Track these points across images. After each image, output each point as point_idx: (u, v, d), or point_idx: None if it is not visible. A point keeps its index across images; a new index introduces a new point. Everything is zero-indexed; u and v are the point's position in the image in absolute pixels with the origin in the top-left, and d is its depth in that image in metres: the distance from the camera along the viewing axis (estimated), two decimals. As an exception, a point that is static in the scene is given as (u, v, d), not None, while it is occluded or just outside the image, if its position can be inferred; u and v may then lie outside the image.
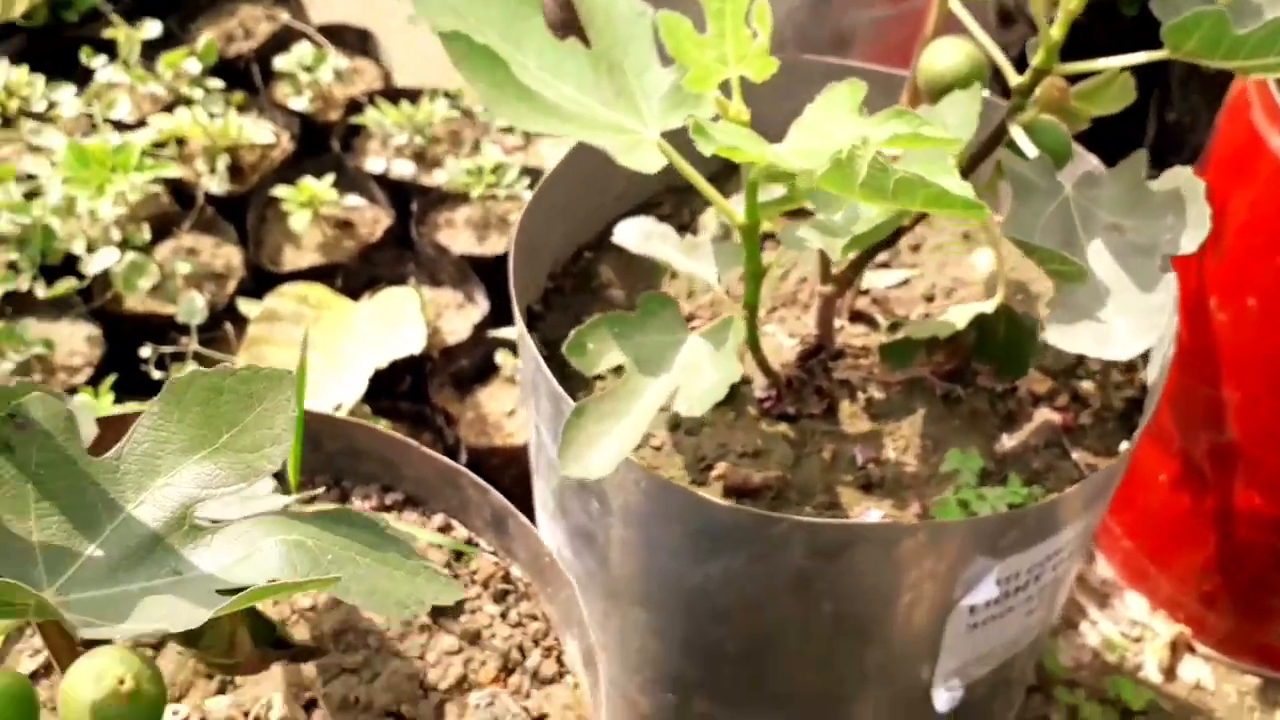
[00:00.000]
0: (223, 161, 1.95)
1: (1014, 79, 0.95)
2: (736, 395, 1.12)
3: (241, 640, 0.80)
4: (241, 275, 1.83)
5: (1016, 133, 0.92)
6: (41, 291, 1.63)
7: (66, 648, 0.57)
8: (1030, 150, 0.90)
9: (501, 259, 1.90)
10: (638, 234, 1.04)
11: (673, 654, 1.10)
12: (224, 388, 0.55)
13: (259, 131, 1.99)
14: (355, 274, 1.88)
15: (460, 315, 1.87)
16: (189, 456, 0.55)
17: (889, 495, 1.03)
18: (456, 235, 1.95)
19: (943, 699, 1.07)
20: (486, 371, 1.85)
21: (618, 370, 0.99)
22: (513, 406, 1.79)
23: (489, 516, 0.93)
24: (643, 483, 0.93)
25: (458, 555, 0.97)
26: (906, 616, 0.98)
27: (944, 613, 0.99)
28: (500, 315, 1.85)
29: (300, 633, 0.93)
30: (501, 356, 1.79)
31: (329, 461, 0.99)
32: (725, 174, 1.31)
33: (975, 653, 1.05)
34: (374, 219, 1.98)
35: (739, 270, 0.99)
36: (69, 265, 1.72)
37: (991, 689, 1.17)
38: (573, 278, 1.24)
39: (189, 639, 0.78)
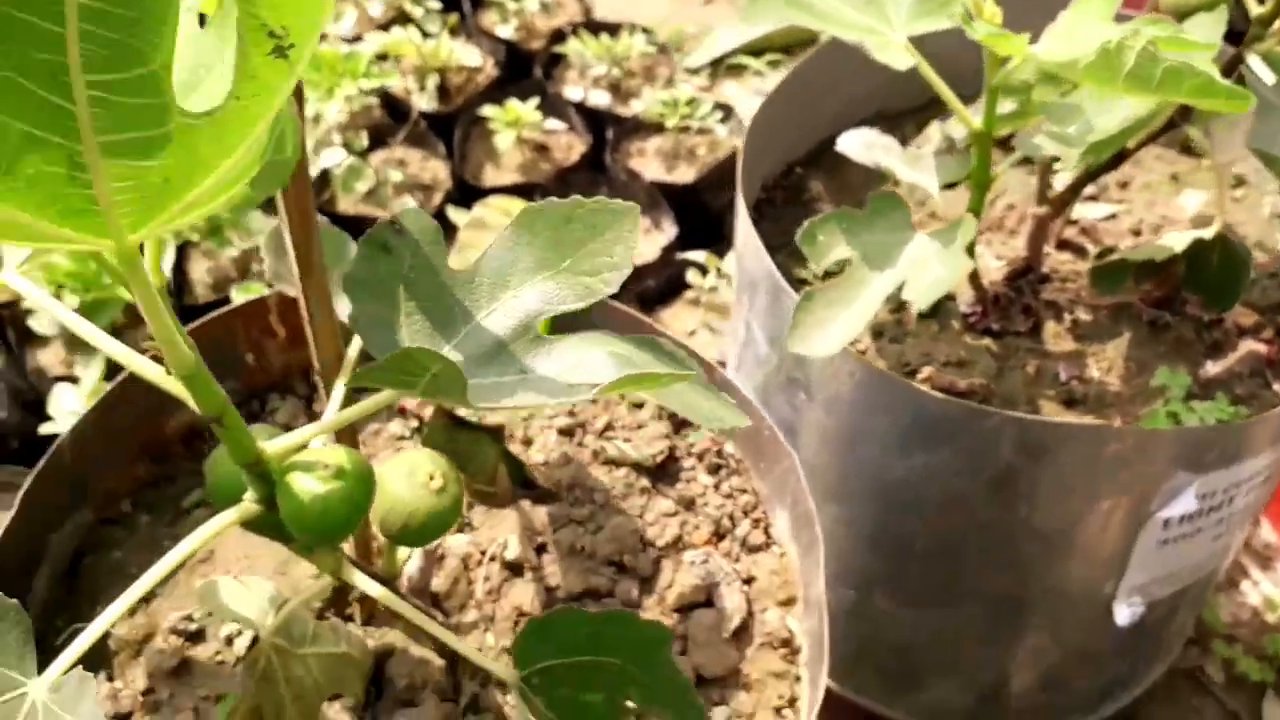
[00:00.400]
0: (432, 81, 2.06)
1: (1255, 9, 0.97)
2: (941, 309, 1.16)
3: (501, 475, 0.89)
4: (448, 188, 1.93)
5: (1254, 60, 0.94)
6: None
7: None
8: (1268, 77, 0.92)
9: (690, 188, 1.97)
10: (861, 144, 1.08)
11: (860, 549, 1.16)
12: (573, 217, 0.62)
13: (467, 55, 2.08)
14: (550, 195, 1.96)
15: (648, 239, 1.94)
16: (535, 275, 0.62)
17: (1091, 411, 1.06)
18: (648, 163, 2.02)
19: (1124, 613, 1.11)
20: (669, 294, 1.93)
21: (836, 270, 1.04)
22: (694, 327, 1.86)
23: (716, 387, 0.99)
24: (856, 374, 0.98)
25: (677, 428, 1.04)
26: (1102, 525, 1.02)
27: (1139, 524, 1.02)
28: (687, 240, 1.92)
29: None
30: (691, 276, 1.86)
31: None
32: (938, 101, 1.35)
33: (1162, 570, 1.08)
34: (569, 144, 2.06)
35: (958, 182, 1.04)
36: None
37: (1168, 613, 1.20)
38: (783, 190, 1.29)
39: (463, 464, 0.87)
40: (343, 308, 0.67)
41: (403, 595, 0.90)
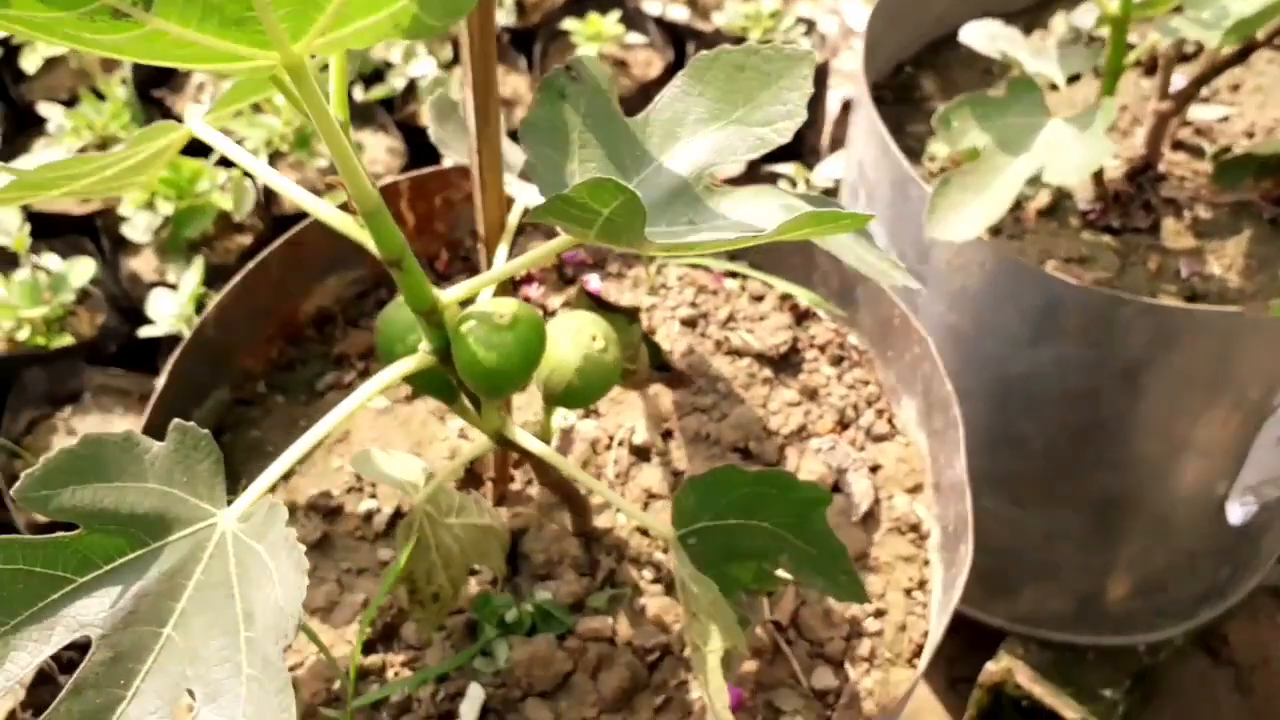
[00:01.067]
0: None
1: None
2: (1059, 207, 1.15)
3: (641, 355, 0.90)
4: (529, 103, 1.93)
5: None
6: (359, 95, 1.76)
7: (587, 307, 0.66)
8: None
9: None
10: (984, 35, 1.07)
11: (972, 449, 1.16)
12: (745, 65, 0.62)
13: (546, -30, 2.07)
14: (633, 110, 1.96)
15: (729, 155, 1.93)
16: (707, 126, 0.62)
17: (1214, 305, 1.06)
18: (727, 80, 2.00)
19: (1236, 513, 1.11)
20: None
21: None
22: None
23: (835, 286, 1.00)
24: (987, 263, 0.98)
25: (799, 320, 1.05)
26: (1223, 420, 1.02)
27: (1260, 419, 1.02)
28: (769, 155, 1.91)
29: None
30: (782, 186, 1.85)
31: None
32: (1044, 4, 1.33)
33: (1278, 468, 1.08)
34: (648, 60, 2.05)
35: (1080, 75, 1.02)
36: (375, 77, 1.85)
37: (1270, 519, 1.20)
38: (891, 90, 1.28)
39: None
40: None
41: (546, 471, 0.92)
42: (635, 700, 0.84)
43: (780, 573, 0.82)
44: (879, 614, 0.91)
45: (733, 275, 1.07)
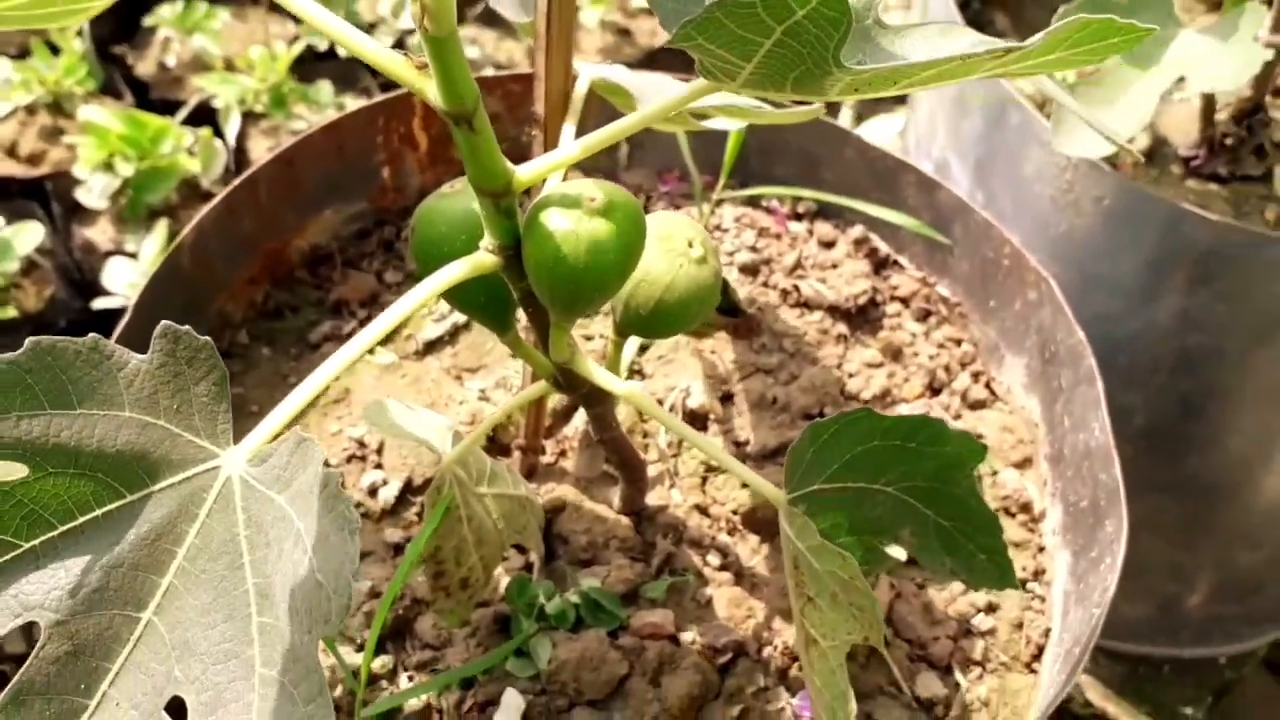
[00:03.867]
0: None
1: None
2: (1156, 154, 1.01)
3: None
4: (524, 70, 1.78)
5: None
6: (343, 52, 1.60)
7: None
8: None
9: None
10: (1084, -48, 0.93)
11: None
12: None
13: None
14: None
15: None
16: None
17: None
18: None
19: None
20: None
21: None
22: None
23: (929, 221, 0.85)
24: (1107, 197, 0.84)
25: (877, 268, 0.90)
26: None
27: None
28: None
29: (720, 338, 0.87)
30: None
31: (739, 164, 0.91)
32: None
33: None
34: (653, 29, 1.91)
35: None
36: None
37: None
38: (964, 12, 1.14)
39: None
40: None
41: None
42: (705, 712, 0.68)
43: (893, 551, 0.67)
44: (990, 609, 0.76)
45: (798, 217, 0.92)
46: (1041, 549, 0.78)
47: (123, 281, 1.41)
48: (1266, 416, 0.93)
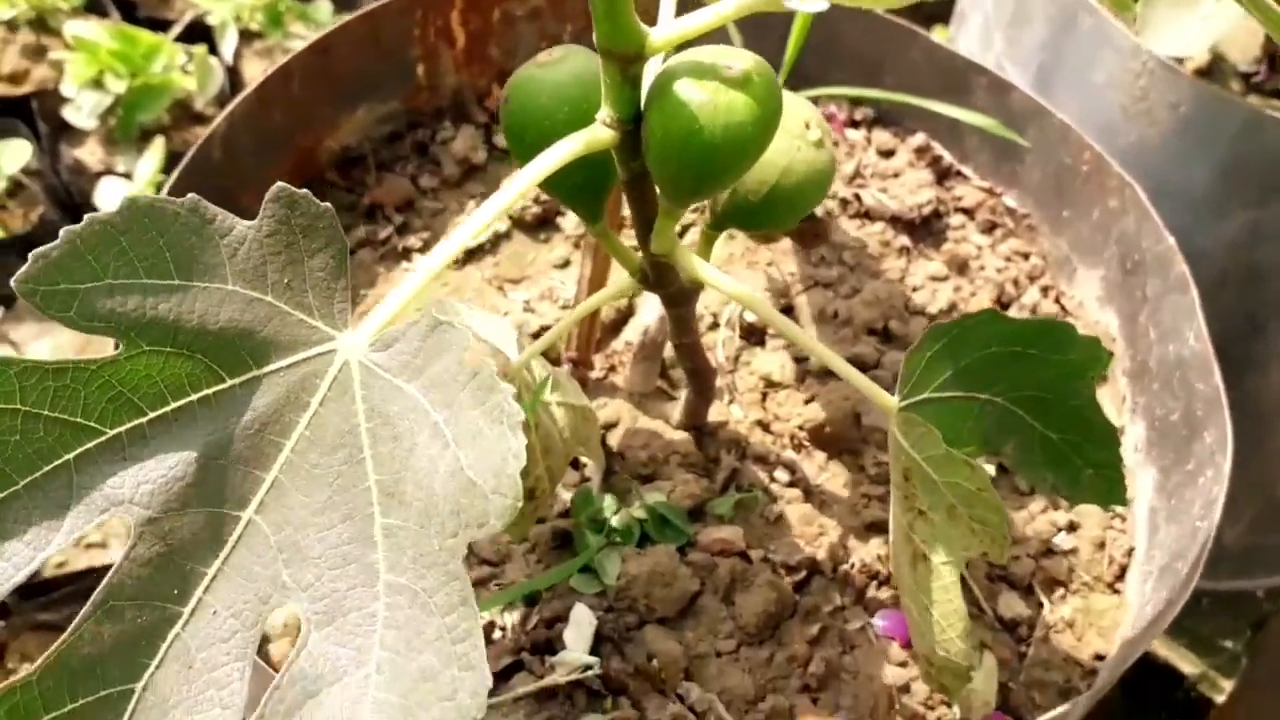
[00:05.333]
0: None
1: None
2: (1214, 70, 0.97)
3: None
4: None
5: None
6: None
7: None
8: None
9: None
10: None
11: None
12: None
13: None
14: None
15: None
16: None
17: None
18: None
19: None
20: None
21: None
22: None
23: (1005, 119, 0.80)
24: (1183, 103, 0.80)
25: (940, 178, 0.85)
26: None
27: None
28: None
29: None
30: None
31: (793, 67, 0.86)
32: None
33: None
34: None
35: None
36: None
37: None
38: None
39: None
40: None
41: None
42: (782, 630, 0.64)
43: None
44: (1071, 528, 0.72)
45: (854, 125, 0.87)
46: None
47: (115, 201, 1.34)
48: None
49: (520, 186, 0.43)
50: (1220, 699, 1.16)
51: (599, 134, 0.45)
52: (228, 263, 0.37)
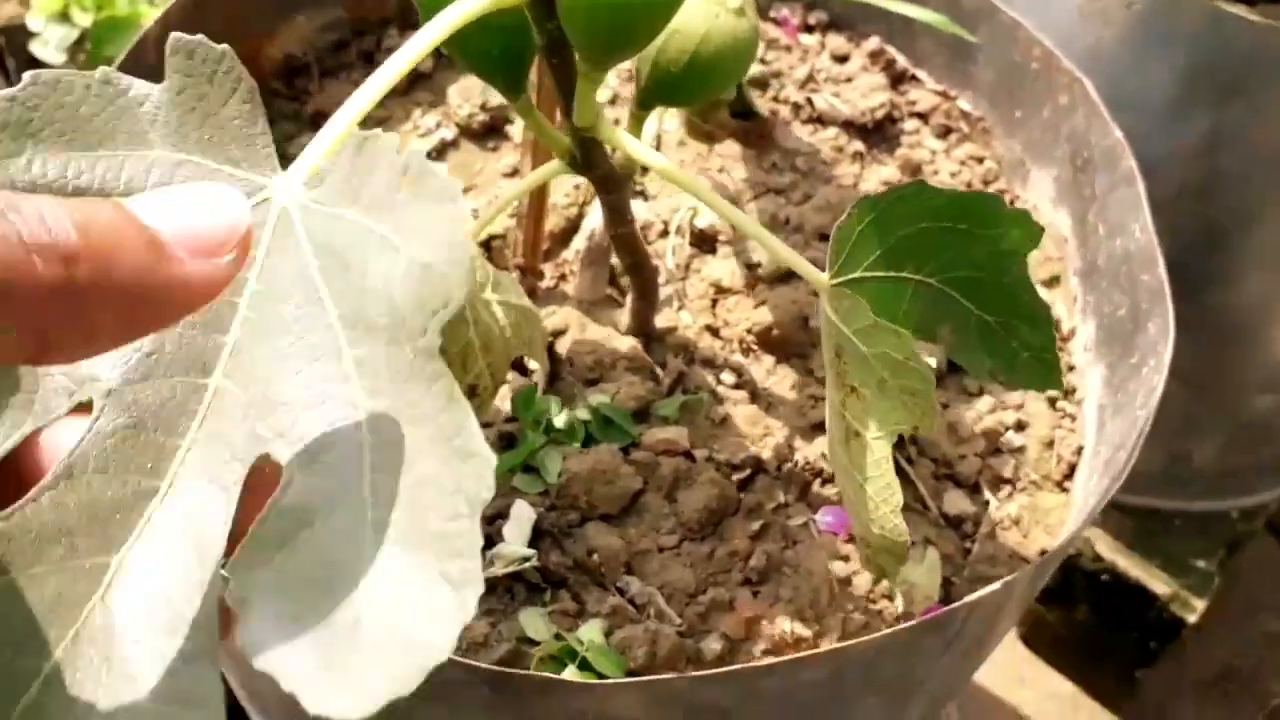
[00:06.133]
0: None
1: None
2: None
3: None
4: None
5: None
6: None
7: None
8: None
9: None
10: None
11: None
12: None
13: None
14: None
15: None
16: None
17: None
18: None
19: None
20: None
21: None
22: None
23: (957, 18, 0.79)
24: (1137, 3, 0.79)
25: (894, 82, 0.84)
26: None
27: None
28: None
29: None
30: None
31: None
32: None
33: None
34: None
35: None
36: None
37: None
38: None
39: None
40: None
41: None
42: (724, 526, 0.64)
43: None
44: (1019, 427, 0.72)
45: (808, 29, 0.86)
46: (1071, 368, 0.74)
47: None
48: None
49: (427, 38, 0.42)
50: (1192, 619, 1.17)
51: None
52: (150, 128, 0.35)
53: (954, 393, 0.73)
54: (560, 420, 0.65)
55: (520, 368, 0.71)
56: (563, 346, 0.71)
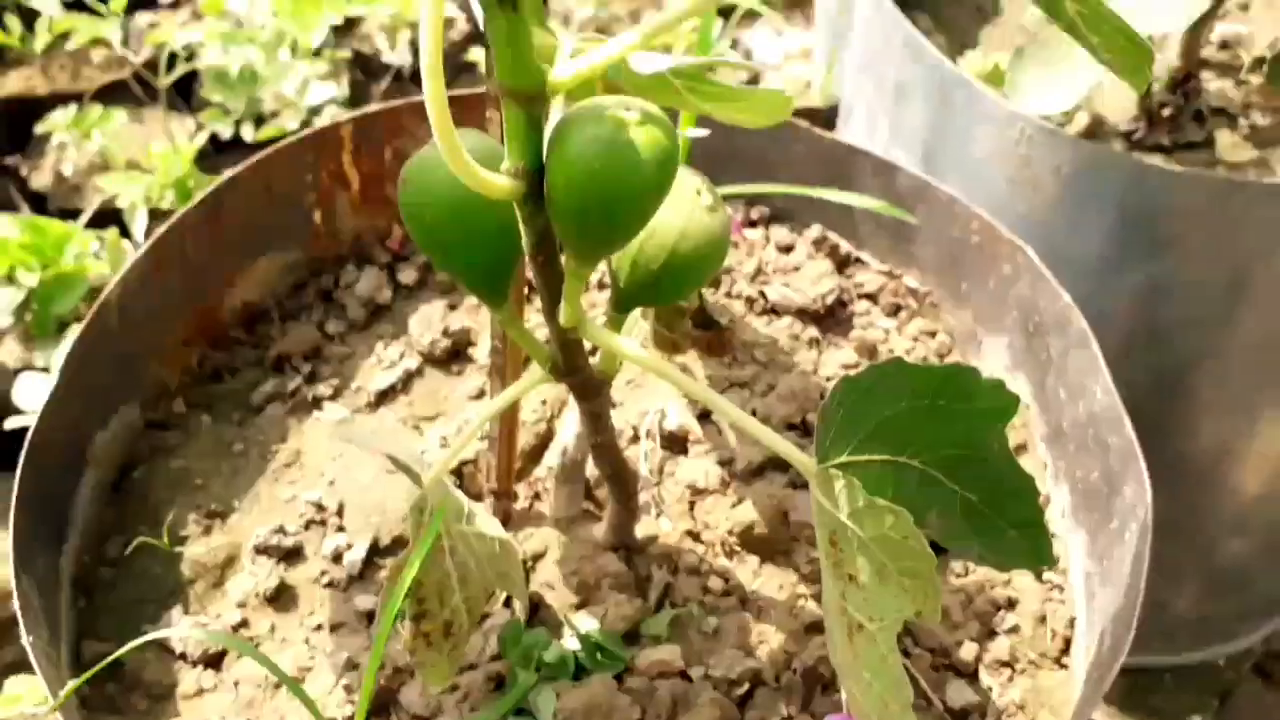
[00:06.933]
0: (404, 36, 1.88)
1: None
2: (1096, 131, 1.00)
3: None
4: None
5: None
6: (249, 134, 1.55)
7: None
8: None
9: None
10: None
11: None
12: None
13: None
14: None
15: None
16: None
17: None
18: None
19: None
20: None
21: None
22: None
23: (894, 200, 0.81)
24: (1064, 165, 0.82)
25: (840, 267, 0.86)
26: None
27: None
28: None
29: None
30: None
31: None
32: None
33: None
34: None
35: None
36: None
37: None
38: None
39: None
40: None
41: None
42: (730, 748, 0.62)
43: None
44: (1010, 605, 0.71)
45: (752, 224, 0.89)
46: (1053, 536, 0.74)
47: (35, 399, 1.32)
48: (1247, 381, 0.90)
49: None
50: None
51: (501, 182, 0.45)
52: None
53: (941, 575, 0.72)
54: (549, 654, 0.64)
55: (506, 600, 0.69)
56: (543, 570, 0.70)
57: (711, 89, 0.50)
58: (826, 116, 1.50)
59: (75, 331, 1.35)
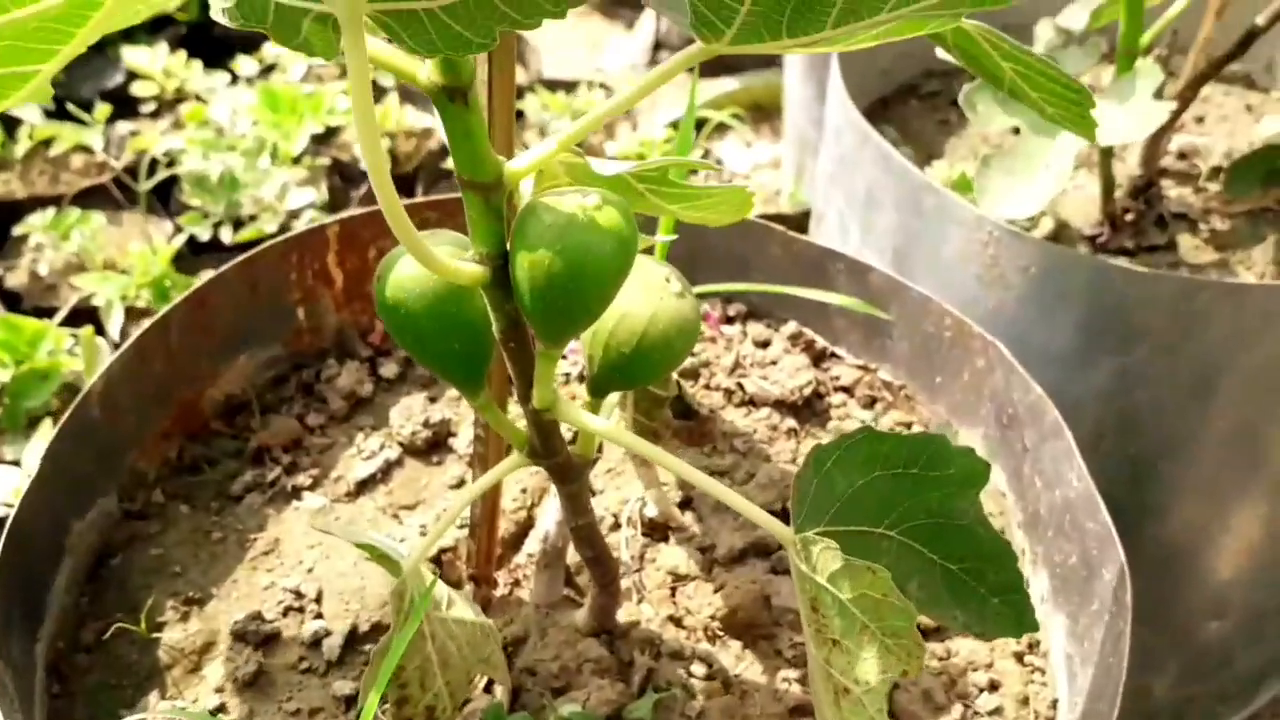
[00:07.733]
0: (383, 144, 1.91)
1: None
2: (1061, 235, 1.04)
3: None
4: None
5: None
6: (227, 237, 1.56)
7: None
8: None
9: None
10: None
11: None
12: None
13: (417, 118, 1.95)
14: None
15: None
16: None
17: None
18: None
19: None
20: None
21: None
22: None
23: (867, 298, 0.83)
24: (1033, 265, 0.84)
25: (816, 360, 0.88)
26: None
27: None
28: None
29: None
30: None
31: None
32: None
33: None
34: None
35: (1081, 71, 0.93)
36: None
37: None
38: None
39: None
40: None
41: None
42: (717, 834, 0.61)
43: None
44: (993, 687, 0.71)
45: (729, 321, 0.90)
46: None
47: (5, 490, 1.31)
48: (1218, 469, 0.92)
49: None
50: None
51: (467, 268, 0.46)
52: None
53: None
54: (533, 738, 0.63)
55: (488, 685, 0.69)
56: (524, 655, 0.70)
57: (673, 190, 0.53)
58: (796, 222, 1.55)
59: (48, 425, 1.35)
